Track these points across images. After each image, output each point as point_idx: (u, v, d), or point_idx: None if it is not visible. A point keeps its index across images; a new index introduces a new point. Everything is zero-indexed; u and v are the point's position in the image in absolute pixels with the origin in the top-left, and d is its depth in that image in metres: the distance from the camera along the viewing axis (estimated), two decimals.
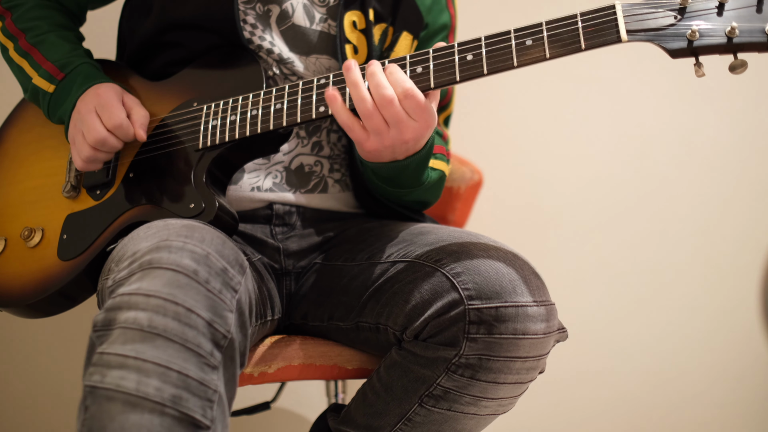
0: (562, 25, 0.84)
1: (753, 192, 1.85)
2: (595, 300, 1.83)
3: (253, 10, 1.08)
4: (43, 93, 1.06)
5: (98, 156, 1.00)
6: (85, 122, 0.99)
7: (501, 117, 1.81)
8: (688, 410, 1.86)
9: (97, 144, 0.99)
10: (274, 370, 1.01)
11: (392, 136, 0.90)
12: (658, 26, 0.81)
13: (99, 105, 1.00)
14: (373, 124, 0.89)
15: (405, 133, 0.90)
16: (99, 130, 0.98)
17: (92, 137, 0.98)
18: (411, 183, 1.03)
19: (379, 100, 0.87)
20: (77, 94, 1.03)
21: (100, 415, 0.72)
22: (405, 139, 0.90)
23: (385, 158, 0.95)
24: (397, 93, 0.87)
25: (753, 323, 1.87)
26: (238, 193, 1.09)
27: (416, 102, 0.87)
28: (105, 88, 1.02)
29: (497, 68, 0.86)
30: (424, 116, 0.89)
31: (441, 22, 1.19)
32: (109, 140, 0.99)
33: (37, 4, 1.12)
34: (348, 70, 0.89)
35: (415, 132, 0.90)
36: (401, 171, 0.98)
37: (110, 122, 0.98)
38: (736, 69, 0.79)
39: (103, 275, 0.93)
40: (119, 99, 1.01)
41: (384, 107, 0.87)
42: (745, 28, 0.77)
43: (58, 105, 1.05)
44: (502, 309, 0.85)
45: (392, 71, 0.89)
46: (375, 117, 0.88)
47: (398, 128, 0.89)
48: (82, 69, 1.06)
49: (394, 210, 1.14)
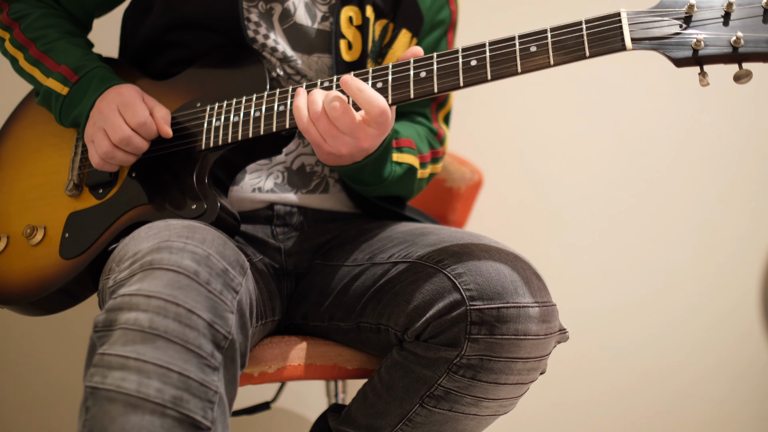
0: (567, 32, 0.84)
1: (753, 192, 1.85)
2: (595, 300, 1.83)
3: (256, 8, 1.08)
4: (56, 95, 1.06)
5: (116, 154, 0.99)
6: (108, 121, 0.98)
7: (501, 117, 1.81)
8: (687, 410, 1.86)
9: (122, 143, 0.98)
10: (274, 370, 1.01)
11: (348, 143, 0.92)
12: (663, 35, 0.80)
13: (122, 104, 0.99)
14: (321, 127, 0.91)
15: (363, 141, 0.92)
16: (123, 129, 0.97)
17: (117, 136, 0.97)
18: (373, 180, 1.05)
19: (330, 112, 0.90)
20: (93, 96, 1.03)
21: (101, 416, 0.72)
22: (363, 147, 0.93)
23: (346, 163, 0.97)
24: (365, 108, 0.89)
25: (753, 323, 1.87)
26: (240, 194, 1.09)
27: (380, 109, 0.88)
28: (126, 87, 1.02)
29: (501, 74, 0.86)
30: (387, 125, 0.91)
31: (440, 18, 1.19)
32: (133, 139, 0.98)
33: (45, 14, 1.12)
34: (297, 94, 0.93)
35: (373, 139, 0.93)
36: (360, 170, 1.00)
37: (134, 120, 0.98)
38: (741, 79, 0.78)
39: (104, 275, 0.93)
40: (141, 98, 1.01)
41: (317, 120, 0.90)
42: (751, 38, 0.77)
43: (72, 107, 1.05)
44: (504, 310, 0.85)
45: (351, 83, 0.89)
46: (321, 121, 0.91)
47: (354, 136, 0.91)
48: (97, 72, 1.05)
49: (390, 210, 1.14)
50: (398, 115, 1.20)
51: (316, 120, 0.90)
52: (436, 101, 1.22)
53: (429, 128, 1.20)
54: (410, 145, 1.11)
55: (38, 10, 1.12)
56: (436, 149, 1.19)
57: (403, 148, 1.10)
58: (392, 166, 1.07)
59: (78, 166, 1.08)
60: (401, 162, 1.09)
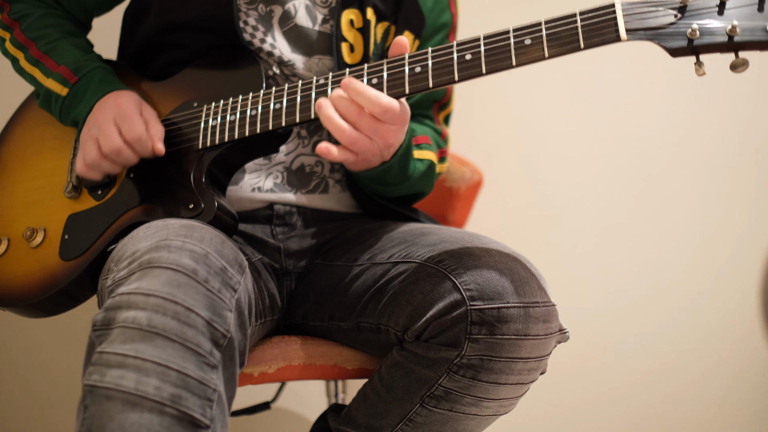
0: (561, 24, 0.84)
1: (753, 192, 1.85)
2: (595, 300, 1.83)
3: (255, 11, 1.08)
4: (56, 96, 1.06)
5: (103, 164, 0.99)
6: (102, 130, 0.98)
7: (501, 117, 1.81)
8: (687, 410, 1.86)
9: (112, 153, 0.98)
10: (274, 370, 1.01)
11: (377, 145, 0.93)
12: (658, 25, 0.80)
13: (119, 115, 0.99)
14: (359, 146, 0.91)
15: (387, 137, 0.92)
16: (116, 140, 0.97)
17: (108, 146, 0.97)
18: (399, 179, 1.05)
19: (350, 116, 0.89)
20: (93, 97, 1.03)
21: (99, 414, 0.72)
22: (389, 143, 0.94)
23: (375, 164, 0.98)
24: (368, 108, 0.89)
25: (753, 323, 1.87)
26: (239, 194, 1.09)
27: (382, 108, 0.88)
28: (126, 97, 1.02)
29: (496, 68, 0.86)
30: (400, 117, 0.91)
31: (442, 21, 1.19)
32: (124, 151, 0.98)
33: (46, 14, 1.12)
34: (319, 108, 0.91)
35: (395, 134, 0.93)
36: (387, 171, 1.01)
37: (130, 135, 0.97)
38: (738, 68, 0.78)
39: (103, 275, 0.93)
40: (139, 111, 1.01)
41: (358, 123, 0.89)
42: (746, 27, 0.77)
43: (72, 108, 1.05)
44: (504, 310, 0.85)
45: (351, 86, 0.89)
46: (358, 141, 0.91)
47: (380, 135, 0.91)
48: (96, 73, 1.06)
49: (393, 210, 1.14)
50: None
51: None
52: (439, 102, 1.22)
53: (434, 129, 1.20)
54: (427, 141, 1.13)
55: (39, 10, 1.12)
56: (442, 149, 1.19)
57: (421, 145, 1.11)
58: (415, 164, 1.07)
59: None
60: (422, 158, 1.10)
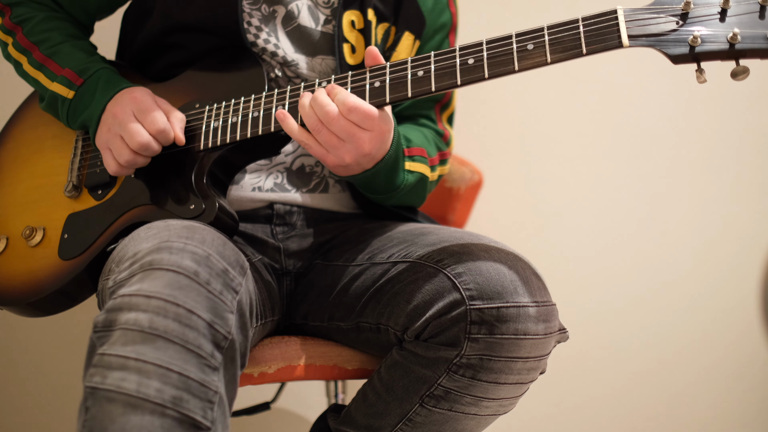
0: (564, 30, 0.84)
1: (753, 192, 1.85)
2: (595, 300, 1.83)
3: (259, 11, 1.08)
4: (62, 99, 1.05)
5: (137, 160, 0.98)
6: (125, 127, 0.97)
7: (501, 117, 1.81)
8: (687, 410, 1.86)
9: (141, 149, 0.97)
10: (274, 370, 1.01)
11: (350, 150, 0.92)
12: (660, 32, 0.80)
13: (138, 110, 0.98)
14: (323, 138, 0.91)
15: (362, 145, 0.91)
16: (143, 135, 0.96)
17: (136, 142, 0.96)
18: (386, 188, 1.05)
19: (323, 117, 0.90)
20: (103, 98, 1.02)
21: (100, 416, 0.72)
22: (365, 152, 0.92)
23: (355, 171, 0.97)
24: (341, 109, 0.89)
25: (753, 323, 1.87)
26: (240, 193, 1.09)
27: (362, 113, 0.89)
28: (140, 92, 1.01)
29: (498, 72, 0.86)
30: (375, 123, 0.91)
31: (442, 21, 1.19)
32: (152, 145, 0.97)
33: (48, 17, 1.11)
34: (300, 97, 0.93)
35: (372, 142, 0.92)
36: (372, 178, 1.00)
37: (153, 127, 0.97)
38: (738, 75, 0.78)
39: (104, 275, 0.93)
40: (155, 102, 1.00)
41: (330, 123, 0.90)
42: (748, 35, 0.77)
43: (79, 111, 1.04)
44: (504, 309, 0.85)
45: (335, 92, 0.90)
46: (323, 131, 0.91)
47: (353, 142, 0.91)
48: (101, 74, 1.05)
49: (392, 211, 1.14)
50: (403, 119, 1.20)
51: (316, 133, 0.91)
52: (440, 102, 1.22)
53: (435, 130, 1.20)
54: (422, 154, 1.11)
55: (41, 13, 1.11)
56: (443, 151, 1.19)
57: (415, 157, 1.10)
58: (405, 175, 1.06)
59: (77, 167, 1.08)
60: (413, 171, 1.09)
